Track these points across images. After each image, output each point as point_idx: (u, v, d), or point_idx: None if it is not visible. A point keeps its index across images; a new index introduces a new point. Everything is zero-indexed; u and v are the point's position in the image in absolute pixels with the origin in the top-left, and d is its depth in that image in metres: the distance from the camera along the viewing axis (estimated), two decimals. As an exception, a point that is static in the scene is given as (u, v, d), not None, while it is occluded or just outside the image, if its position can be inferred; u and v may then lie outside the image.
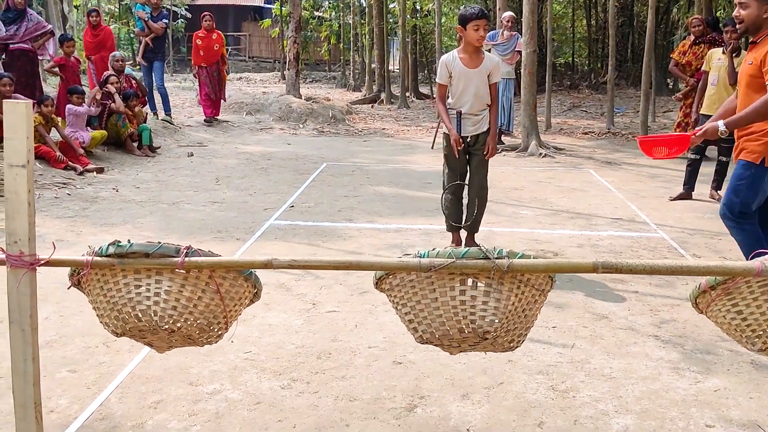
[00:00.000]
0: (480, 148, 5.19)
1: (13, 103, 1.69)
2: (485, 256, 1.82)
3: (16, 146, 1.71)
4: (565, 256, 5.37)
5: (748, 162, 4.06)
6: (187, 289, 1.89)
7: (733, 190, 4.14)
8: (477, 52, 5.06)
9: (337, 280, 4.74)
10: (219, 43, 12.58)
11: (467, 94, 5.06)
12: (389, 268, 1.85)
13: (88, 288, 2.00)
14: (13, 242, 1.79)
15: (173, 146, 10.51)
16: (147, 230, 5.94)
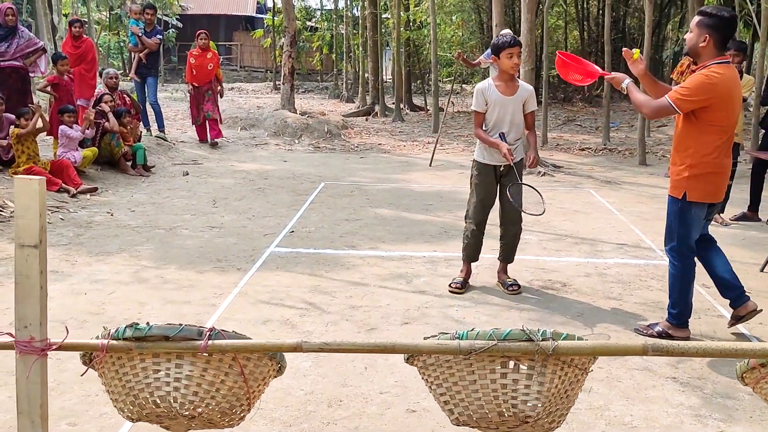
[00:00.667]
0: (512, 178, 5.10)
1: (26, 180, 1.57)
2: (528, 338, 1.70)
3: (29, 225, 1.59)
4: (573, 286, 5.27)
5: (673, 197, 4.17)
6: (210, 373, 1.76)
7: (667, 225, 4.26)
8: (512, 80, 5.01)
9: (343, 316, 4.62)
10: (213, 63, 12.09)
11: (503, 122, 4.99)
12: (427, 351, 1.73)
13: (102, 370, 1.86)
14: (23, 327, 1.67)
15: (167, 164, 10.36)
16: (144, 259, 5.79)
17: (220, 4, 38.72)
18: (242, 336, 1.80)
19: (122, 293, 4.97)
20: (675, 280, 4.25)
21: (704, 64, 4.00)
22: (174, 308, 4.70)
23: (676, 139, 4.17)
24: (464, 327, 4.46)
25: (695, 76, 3.96)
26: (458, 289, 5.13)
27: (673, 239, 4.22)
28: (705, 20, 3.97)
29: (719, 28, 3.95)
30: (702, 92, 3.89)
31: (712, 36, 3.94)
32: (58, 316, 4.48)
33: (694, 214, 4.15)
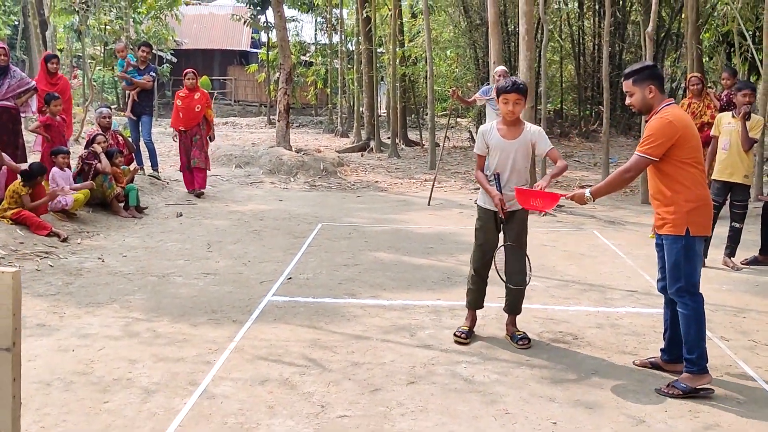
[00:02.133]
0: (512, 227, 4.89)
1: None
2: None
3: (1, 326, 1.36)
4: (585, 339, 5.04)
5: (675, 236, 4.12)
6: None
7: (673, 266, 4.14)
8: (515, 124, 4.83)
9: (345, 375, 4.38)
10: (201, 104, 10.89)
11: (505, 167, 4.80)
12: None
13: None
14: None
15: (161, 205, 10.13)
16: (135, 310, 5.54)
17: (214, 39, 38.87)
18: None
19: (112, 349, 4.71)
20: (690, 322, 4.10)
21: (656, 111, 4.13)
22: (166, 366, 4.44)
23: (658, 187, 4.19)
24: (473, 387, 4.22)
25: (651, 124, 4.11)
26: (463, 339, 4.91)
27: (680, 279, 4.11)
28: (640, 76, 4.15)
29: (655, 76, 4.17)
30: (664, 134, 4.01)
31: (654, 84, 4.14)
32: (43, 377, 4.22)
33: (697, 248, 4.16)
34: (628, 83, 4.17)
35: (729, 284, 6.56)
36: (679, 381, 4.13)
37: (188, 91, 10.92)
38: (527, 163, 4.92)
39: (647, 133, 4.10)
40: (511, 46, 19.42)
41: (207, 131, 11.03)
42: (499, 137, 4.81)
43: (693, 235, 4.08)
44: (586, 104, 20.37)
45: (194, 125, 10.87)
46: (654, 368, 4.46)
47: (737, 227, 7.01)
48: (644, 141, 4.09)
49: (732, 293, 6.26)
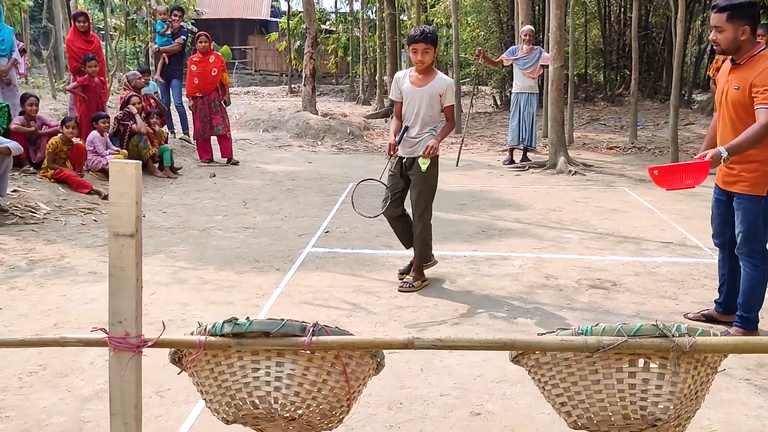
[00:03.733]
0: (414, 172, 4.94)
1: (121, 164, 1.45)
2: (662, 334, 1.57)
3: (123, 213, 1.47)
4: (624, 285, 5.12)
5: (755, 196, 3.89)
6: (312, 372, 1.64)
7: (750, 227, 3.91)
8: (426, 72, 4.78)
9: (390, 317, 4.50)
10: (217, 67, 10.37)
11: (411, 114, 4.82)
12: (550, 349, 1.60)
13: (195, 369, 1.74)
14: (117, 322, 1.55)
15: (193, 166, 10.27)
16: (181, 260, 5.69)
17: (234, 8, 38.77)
18: (344, 332, 1.68)
19: (163, 294, 4.86)
20: (757, 283, 4.00)
21: (751, 54, 3.83)
22: (218, 309, 4.59)
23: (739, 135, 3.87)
24: (516, 327, 4.32)
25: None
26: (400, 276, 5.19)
27: (755, 240, 3.94)
28: (738, 12, 3.79)
29: (753, 15, 3.82)
30: None
31: (749, 25, 3.79)
32: (102, 318, 4.36)
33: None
34: (721, 17, 3.78)
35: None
36: (731, 333, 4.11)
37: (202, 55, 10.43)
38: (432, 111, 4.83)
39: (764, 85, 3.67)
40: (535, 10, 19.23)
41: (223, 95, 10.57)
42: (409, 84, 4.80)
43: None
44: (610, 68, 20.17)
45: (211, 90, 10.38)
46: (708, 321, 4.38)
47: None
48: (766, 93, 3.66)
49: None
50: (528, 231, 6.73)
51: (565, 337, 1.60)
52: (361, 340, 1.62)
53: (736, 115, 3.89)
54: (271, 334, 1.63)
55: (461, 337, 1.61)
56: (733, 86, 3.89)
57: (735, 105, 3.89)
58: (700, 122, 15.28)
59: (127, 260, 1.49)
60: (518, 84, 10.89)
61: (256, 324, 1.65)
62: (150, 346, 1.61)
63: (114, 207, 1.50)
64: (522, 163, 10.86)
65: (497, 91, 20.87)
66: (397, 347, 1.61)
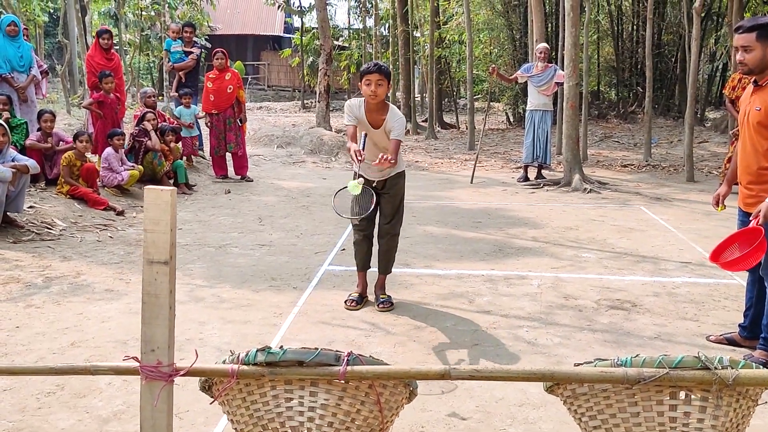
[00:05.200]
0: (387, 192, 4.95)
1: (157, 191, 1.43)
2: (704, 366, 1.53)
3: (158, 240, 1.46)
4: (643, 306, 5.06)
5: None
6: (346, 402, 1.61)
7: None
8: (378, 110, 4.70)
9: (409, 337, 4.46)
10: (234, 84, 10.39)
11: (370, 149, 4.69)
12: (589, 380, 1.57)
13: (226, 398, 1.71)
14: (150, 351, 1.53)
15: (208, 183, 10.30)
16: (197, 278, 5.68)
17: (248, 24, 39.06)
18: (379, 361, 1.65)
19: (179, 312, 4.84)
20: None
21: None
22: (235, 328, 4.57)
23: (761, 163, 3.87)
24: (537, 349, 4.28)
25: None
26: (354, 306, 4.98)
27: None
28: (765, 31, 3.76)
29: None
30: None
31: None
32: (118, 336, 4.37)
33: None
34: (751, 37, 3.76)
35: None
36: (753, 356, 4.04)
37: (218, 72, 10.43)
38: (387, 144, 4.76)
39: None
40: (549, 27, 19.26)
41: (238, 113, 10.53)
42: (365, 121, 4.72)
43: None
44: (623, 86, 20.15)
45: (227, 107, 10.39)
46: (730, 344, 4.32)
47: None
48: None
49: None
50: (545, 250, 6.69)
51: (604, 369, 1.57)
52: (397, 371, 1.60)
53: (758, 135, 3.87)
54: (305, 363, 1.60)
55: (498, 368, 1.58)
56: (755, 107, 3.86)
57: (756, 126, 3.86)
58: (714, 140, 15.22)
59: (161, 288, 1.48)
60: (533, 101, 10.88)
61: (290, 353, 1.63)
62: (183, 375, 1.58)
63: (149, 234, 1.48)
64: (537, 181, 10.83)
65: (510, 108, 20.88)
66: (433, 378, 1.58)
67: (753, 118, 3.88)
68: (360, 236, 5.17)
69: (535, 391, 3.61)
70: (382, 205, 5.06)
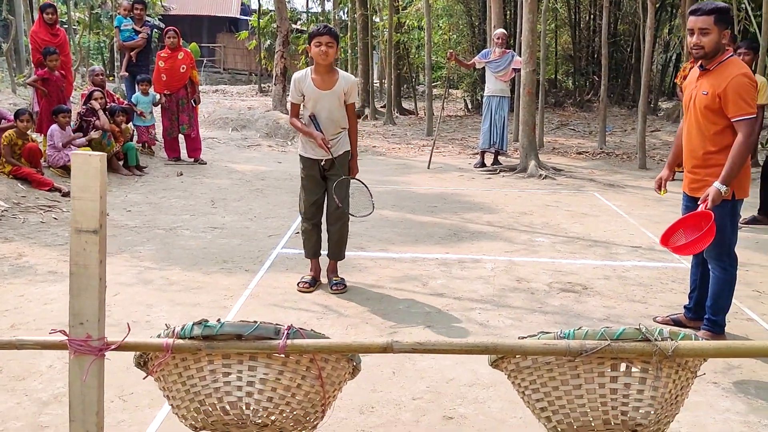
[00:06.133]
0: (335, 173, 4.89)
1: (84, 156, 1.36)
2: (645, 338, 1.53)
3: (87, 208, 1.39)
4: (594, 289, 5.12)
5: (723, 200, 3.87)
6: (286, 377, 1.56)
7: (720, 230, 3.85)
8: (329, 72, 4.70)
9: (362, 319, 4.43)
10: (186, 64, 10.09)
11: (320, 116, 4.71)
12: (533, 352, 1.55)
13: (162, 374, 1.65)
14: (79, 324, 1.46)
15: (159, 165, 10.09)
16: (146, 260, 5.56)
17: (203, 5, 38.36)
18: (320, 335, 1.61)
19: (126, 295, 4.73)
20: (724, 285, 4.04)
21: (720, 59, 3.84)
22: (184, 310, 4.48)
23: (706, 147, 3.91)
24: (489, 331, 4.29)
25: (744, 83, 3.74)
26: (307, 288, 4.95)
27: (723, 244, 3.95)
28: (722, 16, 3.81)
29: (730, 21, 3.89)
30: (752, 90, 3.78)
31: (728, 30, 3.86)
32: (61, 319, 4.22)
33: (738, 212, 4.04)
34: (709, 20, 3.76)
35: (730, 241, 6.66)
36: (699, 336, 4.14)
37: (171, 51, 10.16)
38: (341, 111, 4.78)
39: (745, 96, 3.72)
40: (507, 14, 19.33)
41: (192, 93, 10.31)
42: (313, 87, 4.68)
43: (737, 199, 3.92)
44: (580, 74, 20.37)
45: (180, 87, 10.15)
46: (676, 325, 4.40)
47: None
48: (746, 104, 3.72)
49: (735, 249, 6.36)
50: (499, 234, 6.72)
51: (547, 341, 1.55)
52: (338, 344, 1.56)
53: (704, 119, 3.90)
54: (244, 337, 1.55)
55: (441, 341, 1.55)
56: (702, 91, 3.90)
57: (702, 110, 3.89)
58: (666, 129, 15.50)
59: (90, 258, 1.41)
60: (490, 87, 10.90)
61: (227, 326, 1.57)
62: (113, 349, 1.52)
63: (77, 201, 1.41)
64: (493, 167, 10.88)
65: (468, 95, 20.94)
66: (375, 351, 1.55)
67: (700, 102, 3.91)
68: (310, 225, 5.06)
69: (485, 371, 3.61)
70: (333, 188, 4.95)
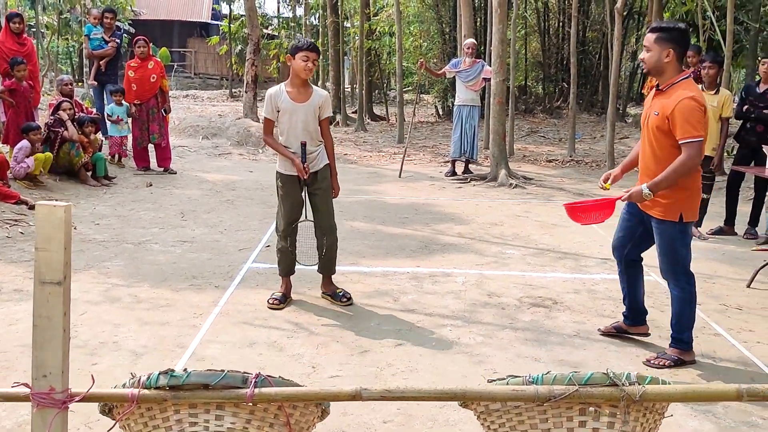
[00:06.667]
0: (319, 187, 4.90)
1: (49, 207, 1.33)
2: (612, 383, 1.54)
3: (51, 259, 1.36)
4: (564, 303, 5.16)
5: (670, 221, 3.96)
6: (254, 425, 1.55)
7: (670, 251, 3.99)
8: (305, 86, 4.77)
9: (332, 337, 4.41)
10: (157, 74, 10.08)
11: (296, 130, 4.74)
12: (501, 399, 1.55)
13: (127, 422, 1.62)
14: (42, 376, 1.43)
15: (129, 175, 9.96)
16: (114, 276, 5.48)
17: (174, 9, 38.04)
18: (289, 382, 1.59)
19: (94, 314, 4.66)
20: (685, 305, 4.10)
21: (672, 81, 3.89)
22: (152, 330, 4.42)
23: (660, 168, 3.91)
24: (460, 348, 4.30)
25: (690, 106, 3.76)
26: (277, 305, 4.90)
27: (677, 263, 4.03)
28: (664, 35, 3.88)
29: (680, 41, 3.89)
30: (700, 115, 3.79)
31: (675, 50, 3.87)
32: (27, 341, 4.15)
33: (689, 232, 4.08)
34: (650, 37, 3.89)
35: (696, 252, 6.65)
36: (666, 354, 4.17)
37: (140, 61, 10.10)
38: (316, 124, 4.82)
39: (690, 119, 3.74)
40: (477, 22, 19.45)
41: (162, 103, 10.26)
42: (289, 100, 4.72)
43: (686, 222, 3.96)
44: (549, 81, 20.57)
45: (150, 97, 10.11)
46: (619, 332, 4.51)
47: (704, 198, 7.20)
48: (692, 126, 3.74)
49: (700, 261, 6.45)
50: (470, 246, 6.75)
51: (516, 387, 1.56)
52: (306, 392, 1.54)
53: (656, 140, 3.95)
54: (211, 387, 1.53)
55: (410, 389, 1.54)
56: (653, 112, 3.94)
57: (654, 130, 3.94)
58: (634, 136, 15.69)
59: (54, 309, 1.38)
60: (460, 96, 10.95)
61: (194, 376, 1.55)
62: (78, 401, 1.49)
63: (41, 252, 1.38)
64: (464, 175, 10.92)
65: (439, 101, 21.03)
66: (344, 399, 1.54)
67: (652, 123, 3.96)
68: (287, 243, 5.01)
69: (456, 392, 3.62)
70: (316, 202, 4.93)
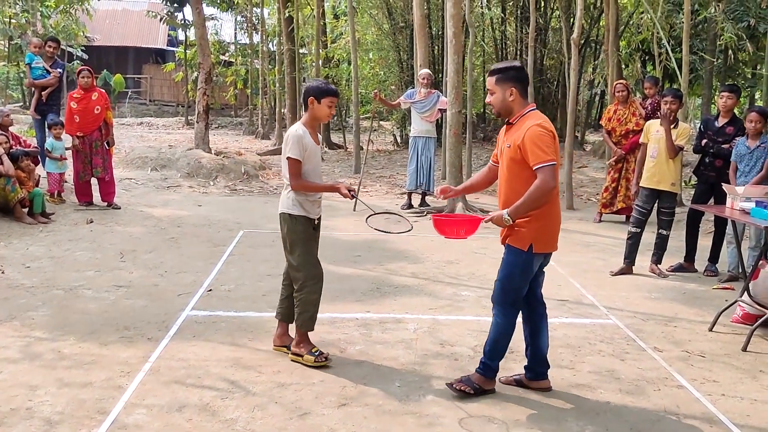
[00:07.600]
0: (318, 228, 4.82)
1: None
2: None
3: None
4: (520, 353, 4.86)
5: (517, 249, 4.01)
6: None
7: (507, 277, 4.07)
8: (315, 129, 4.74)
9: (271, 398, 4.07)
10: (101, 105, 9.66)
11: (317, 170, 4.71)
12: None
13: None
14: None
15: (69, 211, 9.47)
16: (38, 329, 5.05)
17: (128, 35, 37.48)
18: None
19: (10, 374, 4.24)
20: (503, 335, 4.13)
21: (520, 114, 3.93)
22: (72, 393, 4.02)
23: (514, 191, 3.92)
24: (408, 408, 3.99)
25: (537, 133, 3.80)
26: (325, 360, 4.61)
27: (510, 291, 4.07)
28: (503, 75, 3.96)
29: (519, 78, 3.96)
30: (550, 140, 3.83)
31: (516, 87, 3.93)
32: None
33: (535, 265, 4.06)
34: (491, 80, 3.97)
35: (657, 292, 6.57)
36: (471, 380, 4.15)
37: (84, 92, 9.67)
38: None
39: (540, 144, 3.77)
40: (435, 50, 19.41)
41: (105, 135, 9.84)
42: (312, 142, 4.64)
43: (535, 252, 3.98)
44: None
45: (94, 129, 9.68)
46: (518, 385, 4.32)
47: (664, 234, 7.05)
48: (542, 152, 3.76)
49: (661, 301, 6.27)
50: (424, 288, 6.46)
51: None
52: None
53: (509, 171, 3.98)
54: None
55: None
56: (506, 144, 3.99)
57: (509, 162, 3.96)
58: (593, 165, 15.69)
59: None
60: (416, 127, 10.75)
61: None
62: None
63: None
64: (420, 208, 10.68)
65: (398, 129, 20.88)
66: None
67: (506, 155, 3.99)
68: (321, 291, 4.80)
69: None
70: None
